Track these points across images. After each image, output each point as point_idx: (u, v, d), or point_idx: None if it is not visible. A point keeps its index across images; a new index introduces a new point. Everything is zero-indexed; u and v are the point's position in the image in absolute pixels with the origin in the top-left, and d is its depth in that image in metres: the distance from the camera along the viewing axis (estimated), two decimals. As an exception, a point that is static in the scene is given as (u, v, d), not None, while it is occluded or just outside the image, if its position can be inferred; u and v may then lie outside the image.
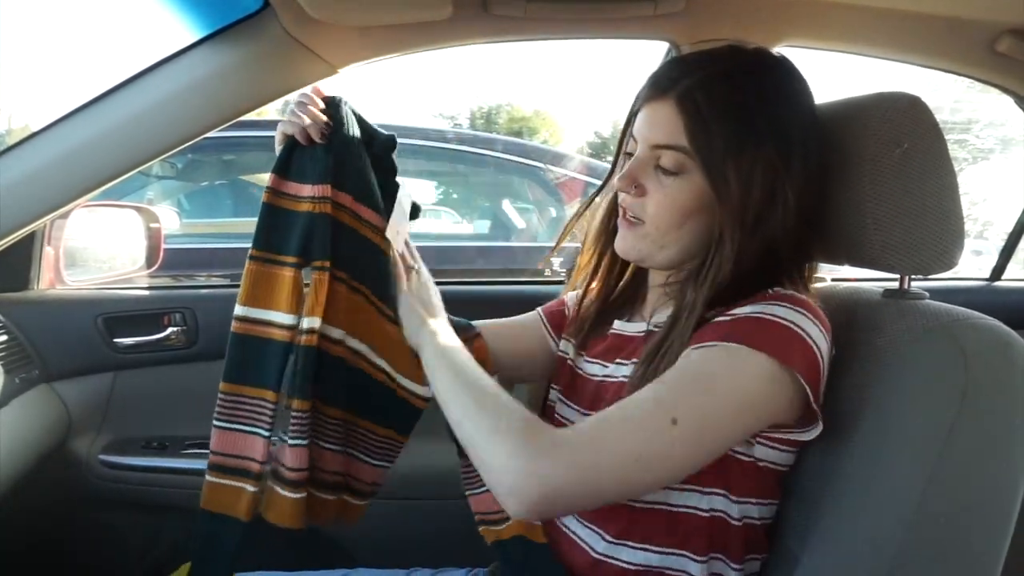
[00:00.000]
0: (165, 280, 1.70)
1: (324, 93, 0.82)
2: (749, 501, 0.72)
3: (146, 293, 1.39)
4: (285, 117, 0.79)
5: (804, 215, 0.72)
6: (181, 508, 1.32)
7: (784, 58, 0.76)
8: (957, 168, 0.72)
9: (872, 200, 0.70)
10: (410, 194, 0.88)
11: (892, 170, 0.69)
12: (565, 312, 0.94)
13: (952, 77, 1.27)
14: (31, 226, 1.01)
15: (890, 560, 0.62)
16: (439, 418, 0.73)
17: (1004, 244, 1.68)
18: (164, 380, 1.34)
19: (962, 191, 0.72)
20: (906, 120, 0.70)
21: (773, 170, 0.69)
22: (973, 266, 2.23)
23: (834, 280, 0.89)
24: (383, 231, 0.82)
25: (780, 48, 1.13)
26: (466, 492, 0.87)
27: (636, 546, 0.72)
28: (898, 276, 0.76)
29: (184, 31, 0.96)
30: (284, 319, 0.77)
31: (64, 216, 1.30)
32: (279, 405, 0.77)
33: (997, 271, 1.68)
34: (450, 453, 0.83)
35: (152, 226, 1.50)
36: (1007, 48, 1.11)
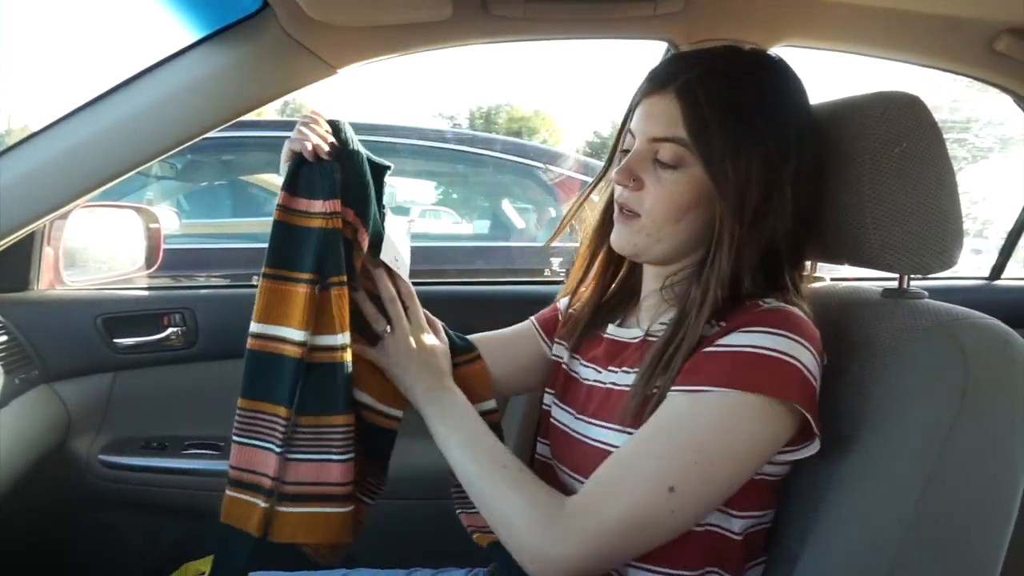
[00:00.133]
0: (165, 280, 1.70)
1: (325, 117, 0.81)
2: (751, 515, 0.72)
3: (146, 293, 1.39)
4: (291, 135, 0.79)
5: (800, 215, 0.72)
6: (181, 508, 1.32)
7: (780, 60, 0.76)
8: (956, 167, 0.72)
9: (871, 199, 0.70)
10: (408, 221, 0.88)
11: (891, 169, 0.69)
12: (559, 317, 0.94)
13: (951, 76, 1.27)
14: (31, 226, 1.01)
15: (890, 560, 0.62)
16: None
17: (1003, 243, 1.68)
18: (164, 380, 1.34)
19: (961, 190, 0.72)
20: (905, 119, 0.70)
21: (771, 169, 0.70)
22: (972, 265, 2.23)
23: (834, 280, 0.89)
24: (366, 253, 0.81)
25: (779, 48, 1.13)
26: (458, 510, 0.87)
27: (630, 564, 0.71)
28: (897, 275, 0.76)
29: (183, 31, 0.96)
30: (296, 335, 0.76)
31: (64, 216, 1.30)
32: (291, 421, 0.77)
33: (996, 270, 1.68)
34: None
35: (151, 226, 1.50)
36: (1006, 47, 1.11)
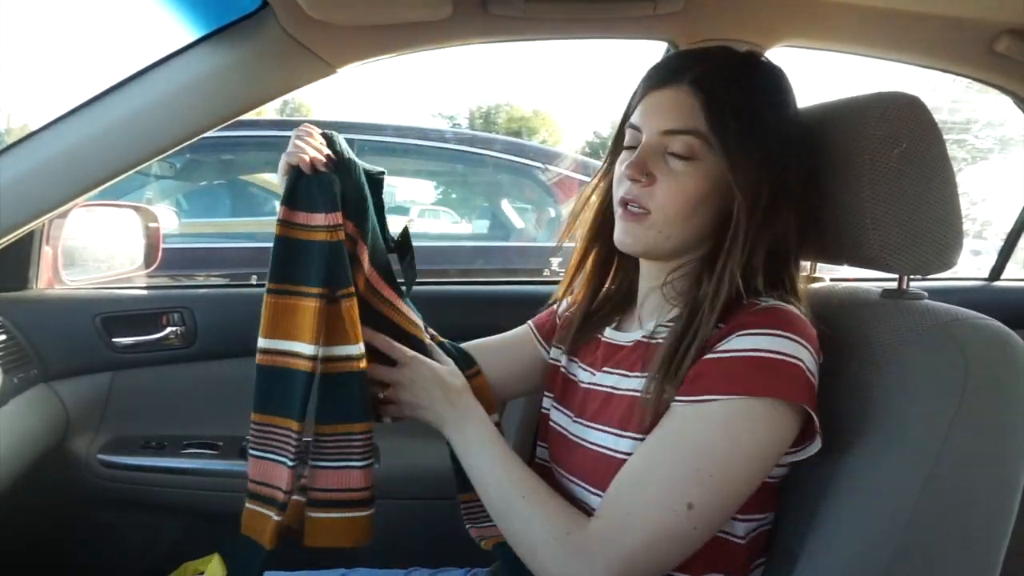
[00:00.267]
0: (164, 280, 1.70)
1: (318, 129, 0.81)
2: (754, 518, 0.72)
3: (145, 293, 1.39)
4: (290, 134, 0.79)
5: (800, 214, 0.73)
6: (180, 508, 1.32)
7: (774, 62, 0.77)
8: (956, 168, 0.72)
9: (871, 200, 0.70)
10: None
11: (891, 170, 0.69)
12: (556, 321, 0.94)
13: (951, 77, 1.27)
14: (30, 225, 1.01)
15: (889, 559, 0.62)
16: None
17: (1003, 244, 1.68)
18: (162, 380, 1.34)
19: (961, 191, 0.72)
20: (905, 120, 0.70)
21: (779, 165, 0.71)
22: (972, 266, 2.23)
23: (833, 280, 0.89)
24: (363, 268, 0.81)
25: (778, 48, 1.13)
26: (467, 525, 0.87)
27: None
28: (897, 276, 0.76)
29: (182, 31, 0.96)
30: (307, 349, 0.76)
31: (63, 215, 1.30)
32: (302, 435, 0.77)
33: (996, 271, 1.68)
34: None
35: (151, 226, 1.50)
36: (1006, 48, 1.11)
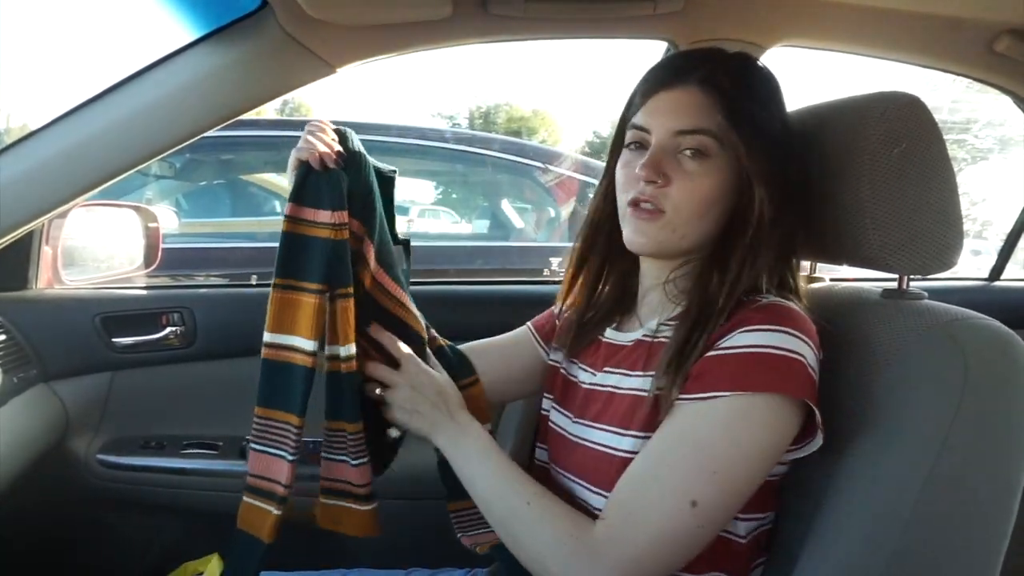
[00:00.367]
0: (163, 280, 1.70)
1: (331, 125, 0.81)
2: (755, 517, 0.72)
3: (144, 293, 1.39)
4: (291, 134, 0.79)
5: (802, 215, 0.73)
6: (179, 508, 1.32)
7: (766, 66, 0.77)
8: (956, 168, 0.72)
9: (871, 200, 0.70)
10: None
11: (891, 170, 0.69)
12: (555, 322, 0.94)
13: (951, 77, 1.27)
14: (29, 225, 1.01)
15: (889, 559, 0.62)
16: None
17: (1003, 244, 1.68)
18: (162, 380, 1.34)
19: (961, 191, 0.72)
20: (905, 120, 0.70)
21: (783, 165, 0.71)
22: (972, 266, 2.23)
23: (833, 280, 0.89)
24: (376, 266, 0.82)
25: (778, 48, 1.13)
26: (459, 535, 0.86)
27: None
28: (897, 276, 0.76)
29: (182, 30, 0.96)
30: (306, 345, 0.76)
31: (62, 215, 1.30)
32: (303, 429, 0.77)
33: (996, 271, 1.68)
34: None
35: (150, 226, 1.50)
36: (1006, 48, 1.11)
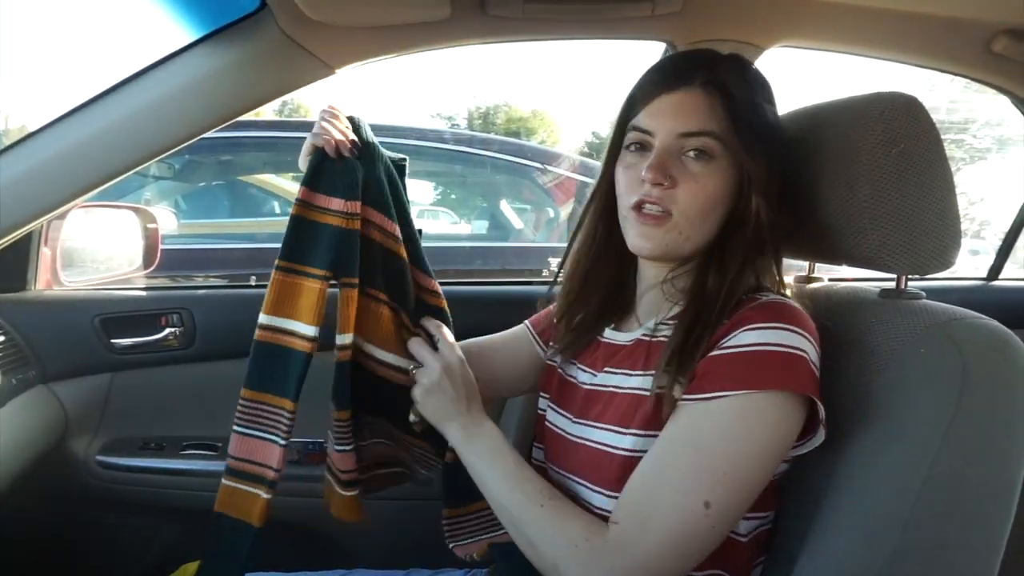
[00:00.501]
0: (162, 281, 1.69)
1: (344, 114, 0.81)
2: (757, 516, 0.72)
3: (143, 294, 1.39)
4: (313, 129, 0.78)
5: (798, 215, 0.74)
6: (179, 509, 1.32)
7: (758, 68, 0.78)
8: (954, 168, 0.72)
9: (869, 200, 0.70)
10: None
11: (889, 170, 0.69)
12: (553, 321, 0.93)
13: (949, 77, 1.28)
14: (28, 226, 1.01)
15: (887, 559, 0.62)
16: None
17: (1001, 243, 1.68)
18: (161, 381, 1.34)
19: (959, 191, 0.72)
20: (903, 120, 0.70)
21: (782, 166, 0.72)
22: (970, 266, 2.24)
23: (832, 280, 0.89)
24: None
25: (776, 48, 1.13)
26: (450, 545, 0.86)
27: None
28: (895, 276, 0.76)
29: (181, 31, 0.96)
30: (306, 330, 0.76)
31: (61, 216, 1.30)
32: (296, 414, 0.77)
33: (994, 271, 1.69)
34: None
35: (149, 227, 1.50)
36: (1003, 48, 1.12)
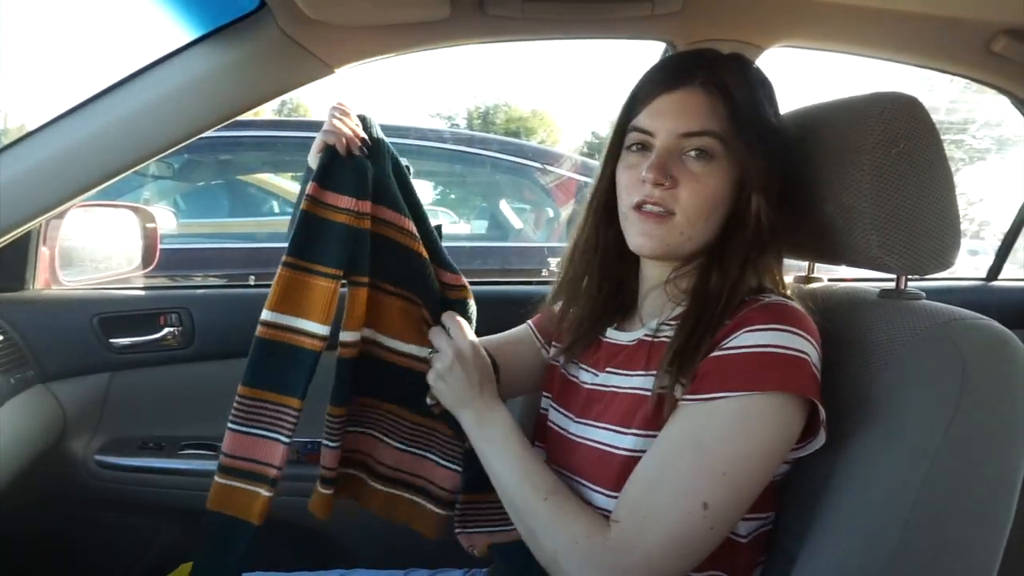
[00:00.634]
0: (161, 280, 1.70)
1: (354, 112, 0.81)
2: (757, 517, 0.72)
3: (142, 293, 1.39)
4: (323, 127, 0.78)
5: (798, 215, 0.74)
6: (178, 508, 1.32)
7: (760, 67, 0.78)
8: (953, 168, 0.72)
9: (868, 200, 0.70)
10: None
11: (889, 170, 0.69)
12: (555, 321, 0.93)
13: (948, 77, 1.28)
14: (27, 226, 1.01)
15: (887, 560, 0.62)
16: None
17: (1000, 244, 1.68)
18: (160, 380, 1.34)
19: (959, 191, 0.72)
20: (902, 120, 0.70)
21: (782, 166, 0.72)
22: (970, 266, 2.24)
23: (831, 280, 0.89)
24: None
25: (776, 48, 1.13)
26: (457, 531, 0.85)
27: None
28: (895, 276, 0.76)
29: (180, 31, 0.96)
30: (316, 328, 0.76)
31: (60, 216, 1.29)
32: (302, 412, 0.77)
33: (994, 271, 1.69)
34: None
35: (148, 226, 1.50)
36: (1003, 48, 1.12)
